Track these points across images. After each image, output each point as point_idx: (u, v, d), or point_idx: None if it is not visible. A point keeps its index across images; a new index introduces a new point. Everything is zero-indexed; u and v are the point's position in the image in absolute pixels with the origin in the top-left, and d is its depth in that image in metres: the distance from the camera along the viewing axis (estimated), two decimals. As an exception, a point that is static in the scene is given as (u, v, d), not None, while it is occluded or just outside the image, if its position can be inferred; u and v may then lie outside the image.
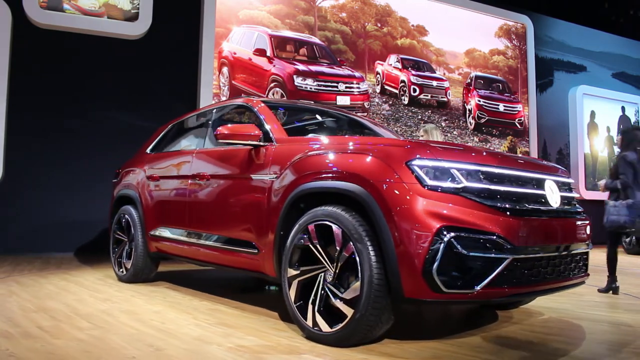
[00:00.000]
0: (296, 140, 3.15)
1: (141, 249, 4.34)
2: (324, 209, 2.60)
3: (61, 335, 2.64)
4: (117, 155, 7.15)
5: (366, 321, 2.36)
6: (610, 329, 2.98)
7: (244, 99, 3.90)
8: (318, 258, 2.60)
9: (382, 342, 2.53)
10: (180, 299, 3.75)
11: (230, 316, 3.17)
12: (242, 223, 3.23)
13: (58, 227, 6.93)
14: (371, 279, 2.34)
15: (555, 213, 2.67)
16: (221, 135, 3.17)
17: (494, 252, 2.28)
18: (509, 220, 2.35)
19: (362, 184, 2.46)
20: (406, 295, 2.30)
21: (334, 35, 9.04)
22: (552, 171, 2.91)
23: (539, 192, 2.64)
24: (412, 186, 2.34)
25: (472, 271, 2.27)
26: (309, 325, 2.56)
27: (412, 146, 2.49)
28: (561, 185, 2.85)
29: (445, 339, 2.65)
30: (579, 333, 2.86)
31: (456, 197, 2.32)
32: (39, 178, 6.89)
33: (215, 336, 2.66)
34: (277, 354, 2.35)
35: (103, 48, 7.32)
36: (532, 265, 2.44)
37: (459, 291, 2.27)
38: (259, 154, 3.18)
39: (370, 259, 2.36)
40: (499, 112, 10.60)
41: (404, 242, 2.28)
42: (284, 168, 2.92)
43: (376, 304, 2.34)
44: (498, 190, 2.43)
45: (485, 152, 2.65)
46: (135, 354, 2.33)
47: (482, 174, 2.43)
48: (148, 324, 2.93)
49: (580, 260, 2.84)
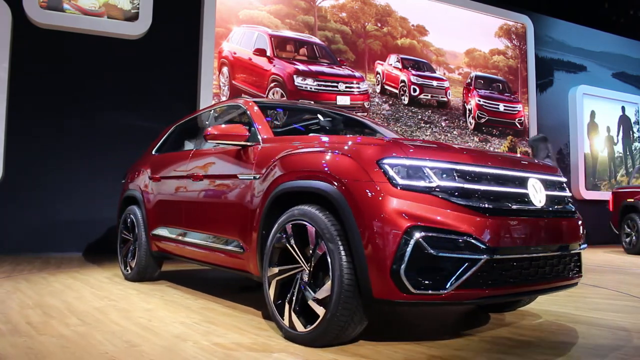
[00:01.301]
0: (280, 139, 3.17)
1: (144, 248, 4.42)
2: (300, 209, 2.60)
3: (46, 331, 2.71)
4: (117, 155, 7.17)
5: (337, 321, 2.34)
6: (604, 332, 2.88)
7: (237, 100, 3.95)
8: (295, 258, 2.61)
9: (358, 342, 2.51)
10: (176, 298, 3.80)
11: (219, 315, 3.20)
12: (230, 223, 3.27)
13: (58, 227, 6.93)
14: (341, 279, 2.32)
15: (540, 213, 2.59)
16: (210, 135, 3.22)
17: (466, 252, 2.22)
18: (483, 219, 2.29)
19: (334, 183, 2.45)
20: (375, 296, 2.26)
21: (334, 35, 9.04)
22: (538, 169, 2.81)
23: (520, 191, 2.55)
24: (382, 185, 2.30)
25: (442, 272, 2.21)
26: (286, 325, 2.57)
27: (384, 145, 2.45)
28: (549, 184, 2.77)
29: (424, 341, 2.60)
30: (569, 337, 2.77)
31: (428, 197, 2.28)
32: (39, 178, 6.90)
33: (196, 334, 2.70)
34: (249, 352, 2.37)
35: (103, 48, 7.32)
36: (512, 266, 2.38)
37: (428, 292, 2.21)
38: (246, 154, 3.22)
39: (342, 259, 2.34)
40: (499, 112, 10.60)
41: (372, 242, 2.25)
42: (267, 168, 2.95)
43: (346, 304, 2.31)
44: (474, 189, 2.37)
45: (463, 150, 2.59)
46: (110, 349, 2.37)
47: (457, 172, 2.38)
48: (135, 321, 2.98)
49: (571, 262, 2.76)
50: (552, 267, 2.60)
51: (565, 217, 2.76)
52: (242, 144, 3.25)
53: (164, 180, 4.32)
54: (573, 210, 2.89)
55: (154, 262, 4.50)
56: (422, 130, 9.60)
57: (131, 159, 7.02)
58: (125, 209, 4.86)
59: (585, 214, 3.15)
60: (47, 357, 2.27)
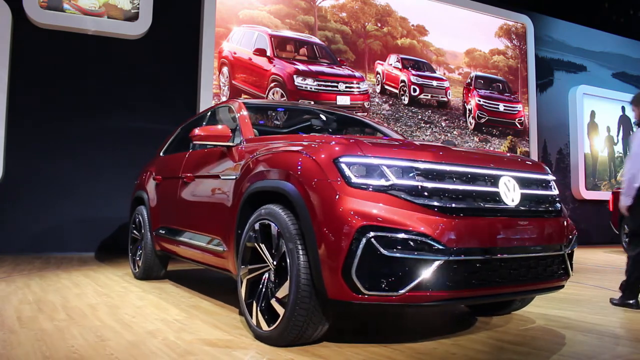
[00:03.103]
0: (259, 139, 3.19)
1: (149, 247, 4.54)
2: (266, 208, 2.62)
3: (29, 326, 2.81)
4: (117, 154, 7.18)
5: (295, 321, 2.32)
6: (590, 339, 2.73)
7: (229, 101, 4.01)
8: (263, 257, 2.62)
9: (322, 343, 2.49)
10: (172, 296, 3.87)
11: (204, 313, 3.25)
12: (214, 222, 3.32)
13: (58, 227, 6.92)
14: (298, 279, 2.30)
15: (512, 212, 2.48)
16: (196, 137, 3.27)
17: (421, 253, 2.14)
18: (442, 219, 2.21)
19: (295, 182, 2.45)
20: (329, 297, 2.23)
21: (334, 35, 9.04)
22: (515, 166, 2.68)
23: (489, 190, 2.45)
24: (338, 184, 2.27)
25: (396, 273, 2.14)
26: (254, 324, 2.58)
27: (342, 143, 2.42)
28: (527, 182, 2.65)
29: (393, 344, 2.52)
30: (548, 343, 2.64)
31: (383, 196, 2.22)
32: (39, 178, 6.89)
33: (170, 330, 2.76)
34: (210, 348, 2.42)
35: (103, 48, 7.31)
36: (476, 268, 2.28)
37: (381, 294, 2.15)
38: (230, 154, 3.26)
39: (299, 259, 2.32)
40: (499, 112, 10.60)
41: (325, 242, 2.21)
42: (242, 168, 2.99)
43: (303, 304, 2.29)
44: (434, 188, 2.29)
45: (427, 148, 2.52)
46: (78, 343, 2.48)
47: (418, 170, 2.30)
48: (119, 317, 3.07)
49: (553, 264, 2.63)
50: (529, 269, 2.49)
51: (547, 217, 2.65)
52: (226, 145, 3.30)
53: (164, 181, 4.41)
54: (558, 209, 2.76)
55: (158, 261, 4.58)
56: (422, 130, 9.60)
57: (131, 159, 7.05)
58: (135, 209, 4.99)
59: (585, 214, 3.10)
60: (16, 348, 2.37)
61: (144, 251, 4.58)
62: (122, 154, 7.18)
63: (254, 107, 3.90)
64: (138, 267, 4.70)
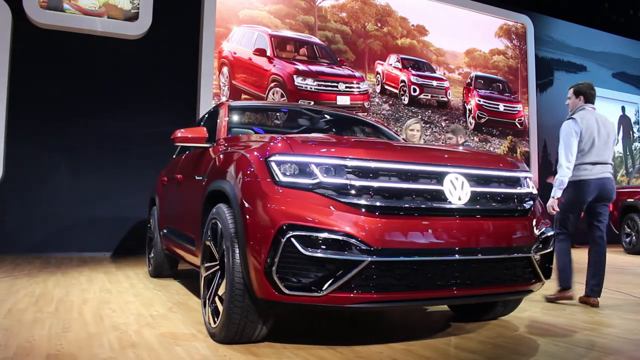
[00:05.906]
0: (229, 140, 3.23)
1: (159, 247, 4.69)
2: (217, 207, 2.65)
3: (13, 317, 2.94)
4: (117, 154, 7.18)
5: (232, 319, 2.33)
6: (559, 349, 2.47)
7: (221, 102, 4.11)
8: (215, 255, 2.65)
9: (267, 343, 2.48)
10: (169, 293, 3.94)
11: (185, 310, 3.31)
12: (191, 221, 3.39)
13: (58, 227, 6.92)
14: (233, 277, 2.31)
15: (458, 211, 2.33)
16: (176, 138, 3.31)
17: (344, 253, 2.08)
18: (369, 218, 2.14)
19: (233, 182, 2.49)
20: (257, 295, 2.22)
21: (334, 35, 9.04)
22: (467, 162, 2.51)
23: (431, 188, 2.31)
24: (265, 183, 2.27)
25: (317, 273, 2.09)
26: (207, 320, 2.61)
27: (274, 142, 2.41)
28: (483, 180, 2.48)
29: (340, 346, 2.43)
30: (510, 352, 2.42)
31: (309, 194, 2.18)
32: (39, 178, 6.89)
33: (135, 325, 2.83)
34: (156, 340, 2.50)
35: (103, 48, 7.31)
36: (411, 270, 2.18)
37: (302, 294, 2.11)
38: (207, 155, 3.30)
39: (235, 257, 2.33)
40: (499, 112, 10.60)
41: (252, 241, 2.22)
42: (209, 167, 3.04)
43: (237, 302, 2.30)
44: (365, 186, 2.20)
45: (361, 145, 2.43)
46: (39, 334, 2.58)
47: (348, 168, 2.23)
48: (99, 312, 3.16)
49: (515, 267, 2.44)
50: (480, 272, 2.33)
51: (507, 217, 2.48)
52: (202, 146, 3.36)
53: (168, 183, 4.53)
54: (526, 209, 2.55)
55: (167, 260, 4.69)
56: (422, 130, 9.60)
57: (131, 159, 7.05)
58: (150, 210, 5.14)
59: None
60: None
61: (154, 250, 4.75)
62: (122, 154, 7.18)
63: (239, 108, 3.98)
64: (150, 265, 4.88)
